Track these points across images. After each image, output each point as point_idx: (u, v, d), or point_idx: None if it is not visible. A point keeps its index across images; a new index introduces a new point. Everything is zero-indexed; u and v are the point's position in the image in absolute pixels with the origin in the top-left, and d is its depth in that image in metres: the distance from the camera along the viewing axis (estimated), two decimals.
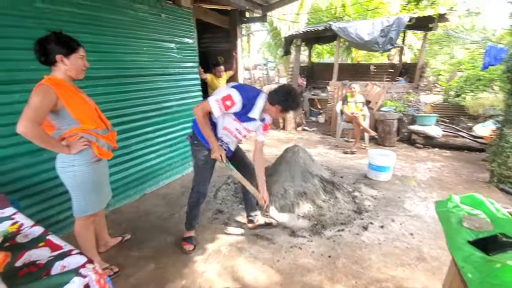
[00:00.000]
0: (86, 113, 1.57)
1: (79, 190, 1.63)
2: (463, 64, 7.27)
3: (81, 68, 1.55)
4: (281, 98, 1.82)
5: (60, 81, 1.48)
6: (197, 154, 2.04)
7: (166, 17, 3.17)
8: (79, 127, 1.54)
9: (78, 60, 1.52)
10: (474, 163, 4.06)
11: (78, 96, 1.55)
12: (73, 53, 1.49)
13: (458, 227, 0.98)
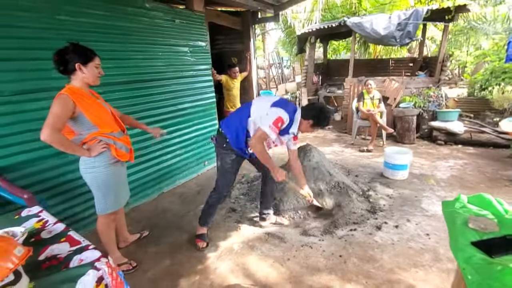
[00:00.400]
0: (103, 117, 1.69)
1: (99, 189, 1.76)
2: (488, 56, 6.85)
3: (97, 76, 1.67)
4: (315, 114, 1.97)
5: (78, 89, 1.60)
6: (224, 157, 2.09)
7: (180, 22, 3.27)
8: (97, 131, 1.66)
9: (94, 68, 1.64)
10: (500, 160, 3.85)
11: (95, 102, 1.68)
12: (90, 62, 1.61)
13: (462, 228, 0.96)
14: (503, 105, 5.07)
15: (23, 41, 2.01)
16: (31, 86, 2.08)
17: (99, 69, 1.68)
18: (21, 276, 0.88)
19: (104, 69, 2.44)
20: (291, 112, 1.96)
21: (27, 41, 2.03)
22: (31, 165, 2.12)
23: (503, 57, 5.89)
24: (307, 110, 2.01)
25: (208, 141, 3.94)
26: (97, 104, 1.69)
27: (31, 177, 2.12)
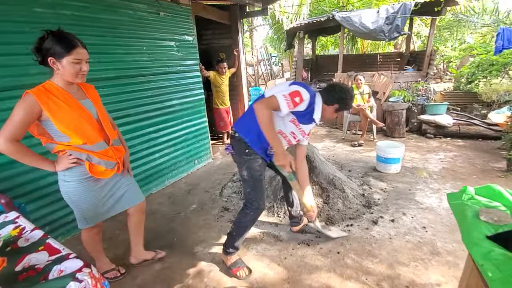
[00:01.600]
0: (75, 125, 1.37)
1: (72, 204, 1.54)
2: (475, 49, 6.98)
3: (77, 73, 1.33)
4: (339, 96, 1.68)
5: (52, 88, 1.33)
6: (252, 165, 1.72)
7: (165, 15, 3.13)
8: (67, 142, 1.38)
9: (72, 64, 1.30)
10: (489, 152, 3.90)
11: (71, 105, 1.36)
12: (65, 56, 1.29)
13: (475, 220, 0.90)
14: (491, 97, 5.16)
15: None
16: (5, 84, 1.91)
17: (80, 64, 1.33)
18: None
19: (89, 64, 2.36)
20: (312, 95, 1.66)
21: (2, 36, 1.87)
22: (9, 168, 1.96)
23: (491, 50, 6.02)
24: (329, 93, 1.70)
25: (197, 139, 3.82)
26: (73, 107, 1.36)
27: (9, 180, 1.96)
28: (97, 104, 1.51)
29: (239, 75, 4.82)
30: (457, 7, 6.04)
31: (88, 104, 1.46)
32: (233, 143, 1.78)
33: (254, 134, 1.67)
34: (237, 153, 1.76)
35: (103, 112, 1.54)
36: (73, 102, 1.38)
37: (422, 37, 10.64)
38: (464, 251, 1.92)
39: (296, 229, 2.26)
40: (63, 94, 1.35)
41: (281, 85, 1.72)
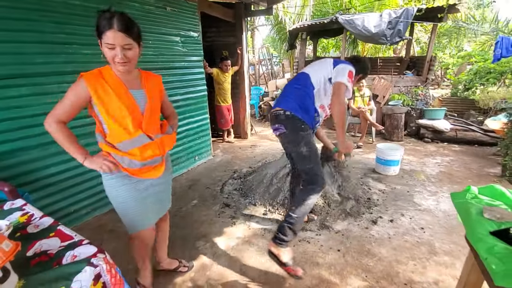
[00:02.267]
0: (115, 115, 1.25)
1: (113, 204, 1.41)
2: (473, 57, 7.09)
3: (112, 59, 1.17)
4: (365, 67, 1.91)
5: (104, 73, 1.23)
6: (310, 139, 1.76)
7: (172, 10, 3.14)
8: (103, 143, 1.29)
9: (105, 49, 1.16)
10: (485, 158, 3.98)
11: (117, 94, 1.23)
12: (100, 39, 1.16)
13: (479, 218, 0.94)
14: (488, 104, 5.26)
15: (3, 22, 1.84)
16: (11, 71, 1.91)
17: (114, 50, 1.15)
18: (9, 273, 0.78)
19: (93, 56, 2.37)
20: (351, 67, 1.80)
21: (8, 22, 1.86)
22: (12, 156, 1.96)
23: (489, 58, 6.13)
24: (358, 64, 1.86)
25: (199, 136, 3.83)
26: (120, 96, 1.23)
27: (12, 169, 1.96)
28: (152, 96, 1.35)
29: (242, 73, 4.84)
30: (458, 14, 6.13)
31: (139, 95, 1.31)
32: (285, 122, 1.74)
33: (304, 110, 1.74)
34: (292, 130, 1.74)
35: (154, 106, 1.36)
36: (122, 90, 1.25)
37: (421, 43, 10.77)
38: (461, 252, 1.97)
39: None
40: (114, 80, 1.24)
41: (323, 71, 1.80)
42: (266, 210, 2.59)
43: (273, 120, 1.83)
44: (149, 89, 1.35)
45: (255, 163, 3.88)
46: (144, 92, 1.32)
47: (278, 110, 1.78)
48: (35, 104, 2.03)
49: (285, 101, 1.80)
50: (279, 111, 1.78)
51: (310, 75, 1.82)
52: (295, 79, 1.89)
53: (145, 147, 1.31)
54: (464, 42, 9.88)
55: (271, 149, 4.56)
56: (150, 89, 1.35)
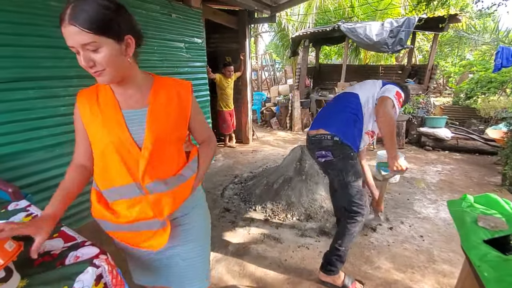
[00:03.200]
0: (97, 150, 0.89)
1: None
2: (475, 66, 7.12)
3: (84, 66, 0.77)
4: (407, 94, 1.75)
5: (98, 87, 0.90)
6: (358, 168, 1.61)
7: (177, 17, 3.20)
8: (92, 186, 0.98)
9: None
10: (486, 166, 3.98)
11: (104, 117, 0.86)
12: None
13: (473, 226, 0.96)
14: (489, 113, 5.27)
15: (12, 26, 1.90)
16: (15, 74, 1.96)
17: (78, 54, 0.76)
18: (12, 272, 0.80)
19: None
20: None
21: (15, 26, 1.92)
22: (16, 158, 1.99)
23: (490, 67, 6.16)
24: (403, 90, 1.71)
25: None
26: (106, 120, 0.86)
27: (15, 170, 2.00)
28: (161, 117, 0.88)
29: (244, 79, 4.89)
30: (459, 24, 6.19)
31: (137, 118, 0.87)
32: (333, 148, 1.58)
33: (352, 136, 1.60)
34: (341, 159, 1.58)
35: (163, 134, 0.89)
36: (111, 111, 0.85)
37: (423, 51, 10.84)
38: (460, 260, 1.97)
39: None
40: (106, 95, 0.87)
41: (371, 90, 1.68)
42: (266, 216, 2.60)
43: (316, 145, 1.67)
44: (158, 106, 0.89)
45: (256, 168, 3.90)
46: (145, 112, 0.87)
47: (324, 133, 1.62)
48: (40, 107, 2.07)
49: (332, 123, 1.64)
50: (324, 135, 1.61)
51: (360, 95, 1.66)
52: (343, 99, 1.74)
53: (133, 202, 0.89)
54: (466, 51, 9.94)
55: (272, 155, 4.58)
56: (160, 106, 0.89)
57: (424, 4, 4.14)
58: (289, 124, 6.56)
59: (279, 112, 6.88)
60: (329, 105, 1.84)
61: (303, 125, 6.56)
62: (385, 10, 7.21)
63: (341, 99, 1.76)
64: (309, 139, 1.75)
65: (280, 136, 6.07)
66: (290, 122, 6.54)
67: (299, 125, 6.46)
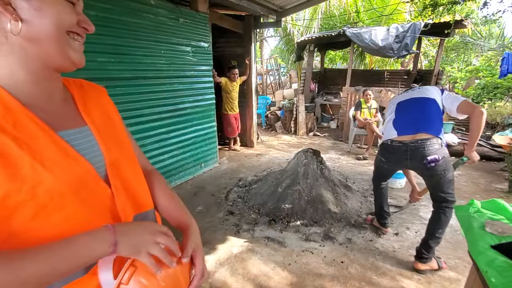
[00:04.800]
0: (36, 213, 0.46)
1: None
2: (481, 72, 7.07)
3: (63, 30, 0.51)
4: None
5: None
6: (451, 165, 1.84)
7: (184, 21, 3.25)
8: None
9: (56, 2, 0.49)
10: (493, 173, 3.93)
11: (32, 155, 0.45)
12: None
13: (480, 231, 0.96)
14: (495, 119, 5.22)
15: None
16: None
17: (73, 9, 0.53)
18: None
19: (107, 63, 2.48)
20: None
21: None
22: None
23: (496, 73, 6.11)
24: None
25: (206, 143, 3.89)
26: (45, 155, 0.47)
27: None
28: (105, 132, 0.61)
29: (250, 83, 4.93)
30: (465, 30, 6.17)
31: (85, 139, 0.57)
32: (439, 151, 1.77)
33: (443, 136, 1.84)
34: (445, 159, 1.79)
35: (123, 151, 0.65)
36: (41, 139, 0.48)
37: (429, 56, 10.80)
38: (466, 267, 1.95)
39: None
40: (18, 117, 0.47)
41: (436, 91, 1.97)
42: (270, 219, 2.60)
43: (421, 150, 1.79)
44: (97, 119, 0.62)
45: (260, 171, 3.91)
46: (89, 130, 0.58)
47: (427, 137, 1.78)
48: None
49: (430, 126, 1.82)
50: (428, 139, 1.77)
51: (436, 100, 1.90)
52: (422, 103, 1.93)
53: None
54: (472, 57, 9.88)
55: (276, 158, 4.58)
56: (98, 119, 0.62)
57: (430, 10, 4.15)
58: (294, 128, 6.56)
59: (284, 116, 6.89)
60: (407, 110, 1.98)
61: (307, 129, 6.56)
62: (390, 15, 7.22)
63: (420, 103, 1.94)
64: (399, 144, 1.88)
65: (284, 140, 6.08)
66: (294, 126, 6.55)
67: (304, 129, 6.46)
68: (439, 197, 1.86)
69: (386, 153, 2.05)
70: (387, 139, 1.99)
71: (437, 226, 1.86)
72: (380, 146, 2.11)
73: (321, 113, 7.80)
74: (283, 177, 3.01)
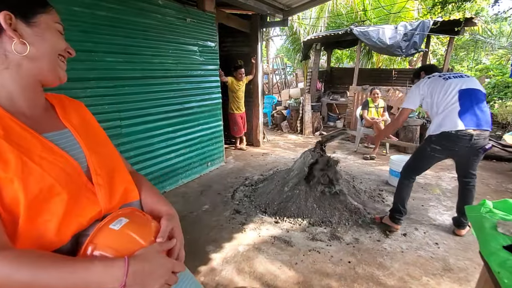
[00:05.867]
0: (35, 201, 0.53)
1: None
2: (491, 70, 6.93)
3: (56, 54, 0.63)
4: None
5: None
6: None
7: (191, 21, 3.27)
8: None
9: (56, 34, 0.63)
10: (503, 173, 3.85)
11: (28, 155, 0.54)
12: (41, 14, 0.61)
13: (492, 232, 0.94)
14: (506, 118, 5.12)
15: None
16: None
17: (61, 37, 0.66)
18: None
19: (116, 63, 2.50)
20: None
21: None
22: None
23: (507, 72, 5.99)
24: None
25: (212, 142, 3.91)
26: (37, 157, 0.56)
27: None
28: (85, 134, 0.69)
29: (256, 82, 4.93)
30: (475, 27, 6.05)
31: (66, 140, 0.65)
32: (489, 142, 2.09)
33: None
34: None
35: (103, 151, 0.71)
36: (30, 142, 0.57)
37: (438, 55, 10.63)
38: (476, 269, 1.91)
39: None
40: (6, 122, 0.55)
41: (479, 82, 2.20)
42: (276, 218, 2.60)
43: (481, 140, 2.04)
44: (75, 124, 0.69)
45: (266, 171, 3.91)
46: (69, 132, 0.66)
47: (485, 130, 2.02)
48: None
49: (486, 121, 2.04)
50: (486, 131, 2.03)
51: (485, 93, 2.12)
52: (478, 95, 2.06)
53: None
54: (482, 56, 9.68)
55: (283, 158, 4.58)
56: (76, 123, 0.70)
57: (439, 8, 4.08)
58: (300, 128, 6.54)
59: (290, 116, 6.88)
60: (471, 102, 2.05)
61: (314, 128, 6.53)
62: (398, 13, 7.13)
63: (479, 96, 2.07)
64: (466, 136, 2.00)
65: (290, 139, 6.06)
66: (300, 125, 6.52)
67: (310, 128, 6.43)
68: (470, 175, 2.25)
69: (447, 142, 2.07)
70: (451, 129, 2.01)
71: (471, 198, 2.27)
72: (438, 135, 2.09)
73: (328, 112, 7.75)
74: (289, 176, 3.00)
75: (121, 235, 0.58)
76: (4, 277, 0.45)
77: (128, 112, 2.66)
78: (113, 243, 0.57)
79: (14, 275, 0.46)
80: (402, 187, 2.36)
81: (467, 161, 2.19)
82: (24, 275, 0.46)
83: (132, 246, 0.58)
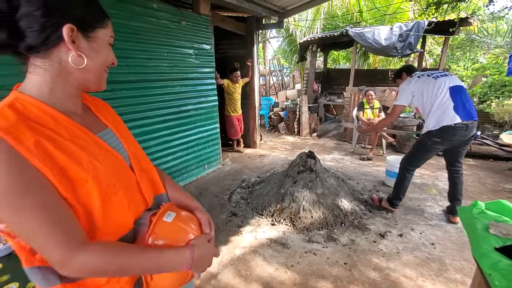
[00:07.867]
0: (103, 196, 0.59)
1: None
2: (488, 69, 6.96)
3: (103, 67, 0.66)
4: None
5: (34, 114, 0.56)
6: None
7: (186, 24, 3.27)
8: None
9: (108, 47, 0.66)
10: (500, 173, 3.87)
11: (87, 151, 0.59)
12: (100, 29, 0.63)
13: (484, 233, 0.94)
14: (503, 117, 5.14)
15: None
16: None
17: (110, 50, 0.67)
18: None
19: (112, 67, 2.48)
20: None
21: None
22: None
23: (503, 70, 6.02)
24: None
25: (209, 145, 3.90)
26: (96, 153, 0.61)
27: None
28: (122, 133, 0.74)
29: (252, 84, 4.93)
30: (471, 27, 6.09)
31: (113, 139, 0.70)
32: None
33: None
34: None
35: (136, 147, 0.78)
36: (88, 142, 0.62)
37: (434, 55, 10.67)
38: (473, 269, 1.91)
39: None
40: (66, 125, 0.59)
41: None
42: (273, 220, 2.60)
43: (472, 129, 2.31)
44: (113, 123, 0.75)
45: (263, 172, 3.91)
46: (112, 132, 0.72)
47: (474, 120, 2.28)
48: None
49: (474, 112, 2.30)
50: (475, 121, 2.29)
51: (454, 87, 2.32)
52: (463, 91, 2.34)
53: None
54: (478, 55, 9.73)
55: (279, 159, 4.58)
56: (113, 123, 0.75)
57: (433, 8, 4.10)
58: (297, 129, 6.54)
59: (287, 117, 6.88)
60: (461, 97, 2.31)
61: (311, 129, 6.54)
62: (393, 14, 7.16)
63: (461, 91, 2.33)
64: (463, 127, 2.26)
65: (288, 140, 6.06)
66: (298, 127, 6.53)
67: (307, 129, 6.44)
68: (459, 163, 2.52)
69: (446, 135, 2.30)
70: (450, 123, 2.26)
71: (460, 184, 2.53)
72: (439, 130, 2.31)
73: (325, 113, 7.75)
74: (286, 178, 3.00)
75: (175, 227, 0.69)
76: (101, 267, 0.55)
77: (125, 116, 2.65)
78: (170, 234, 0.68)
79: (106, 264, 0.55)
80: (403, 176, 2.61)
81: (458, 150, 2.44)
82: (115, 264, 0.56)
83: (185, 236, 0.70)
